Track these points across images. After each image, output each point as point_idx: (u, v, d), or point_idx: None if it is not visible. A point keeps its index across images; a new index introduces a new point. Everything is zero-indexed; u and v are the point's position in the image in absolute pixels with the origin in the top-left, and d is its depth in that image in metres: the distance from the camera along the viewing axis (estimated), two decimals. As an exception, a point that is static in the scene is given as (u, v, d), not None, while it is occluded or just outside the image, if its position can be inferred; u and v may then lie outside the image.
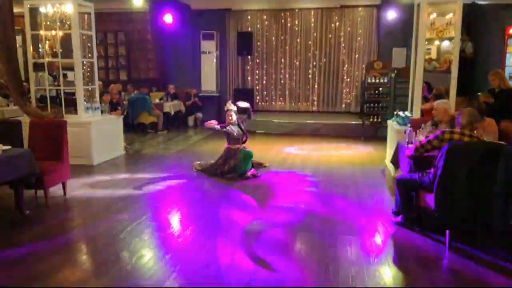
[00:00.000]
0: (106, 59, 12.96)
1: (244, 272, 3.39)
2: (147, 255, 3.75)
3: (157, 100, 11.33)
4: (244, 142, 6.63)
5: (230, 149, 6.52)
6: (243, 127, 6.61)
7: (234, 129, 6.51)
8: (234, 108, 6.64)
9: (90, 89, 7.57)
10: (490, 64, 9.54)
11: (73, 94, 7.26)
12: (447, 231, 3.88)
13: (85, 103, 7.24)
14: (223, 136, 6.96)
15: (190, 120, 11.94)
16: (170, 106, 11.19)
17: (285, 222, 4.54)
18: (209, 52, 12.25)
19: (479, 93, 6.62)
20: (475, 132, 3.95)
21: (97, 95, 7.70)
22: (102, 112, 7.81)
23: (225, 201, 5.30)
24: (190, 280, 3.28)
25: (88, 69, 7.63)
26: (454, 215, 3.71)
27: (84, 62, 7.38)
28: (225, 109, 6.70)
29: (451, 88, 6.42)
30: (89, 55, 7.55)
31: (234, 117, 6.55)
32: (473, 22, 10.35)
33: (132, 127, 10.44)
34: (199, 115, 12.01)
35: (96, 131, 7.20)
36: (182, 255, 3.74)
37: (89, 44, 7.53)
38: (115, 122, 7.95)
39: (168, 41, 12.58)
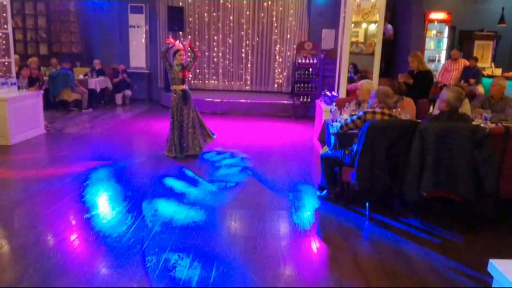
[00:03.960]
0: (24, 31, 11.92)
1: (172, 251, 3.37)
2: (71, 238, 3.59)
3: (81, 76, 10.68)
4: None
5: (175, 91, 6.09)
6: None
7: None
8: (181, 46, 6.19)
9: (6, 63, 6.95)
10: (411, 47, 10.11)
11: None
12: (367, 204, 4.15)
13: (0, 78, 6.66)
14: (154, 114, 6.73)
15: (118, 98, 11.43)
16: (96, 83, 10.62)
17: (215, 200, 4.56)
18: (137, 26, 11.74)
19: (399, 74, 7.01)
20: (394, 111, 4.21)
21: (13, 69, 7.10)
22: (19, 88, 7.22)
23: (152, 181, 5.18)
24: (116, 260, 3.20)
25: (3, 42, 6.99)
26: (373, 188, 3.96)
27: (-2, 33, 6.76)
28: (169, 46, 6.10)
29: (374, 69, 6.74)
30: (4, 26, 6.90)
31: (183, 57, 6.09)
32: (396, 6, 10.89)
33: (53, 105, 9.78)
34: (128, 92, 11.55)
35: (13, 108, 6.66)
36: (107, 235, 3.62)
37: (3, 14, 6.87)
38: (34, 98, 7.40)
39: (93, 13, 11.84)
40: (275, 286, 2.96)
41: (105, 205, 4.40)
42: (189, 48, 6.26)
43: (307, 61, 10.30)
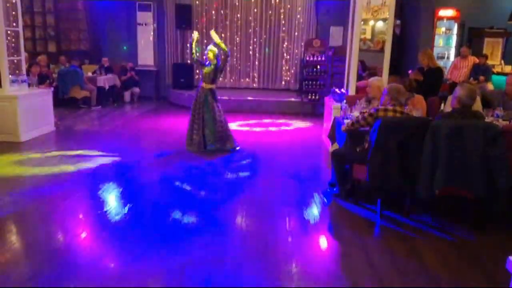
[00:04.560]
0: (33, 29, 11.98)
1: (184, 247, 3.39)
2: (82, 234, 3.62)
3: (89, 74, 10.73)
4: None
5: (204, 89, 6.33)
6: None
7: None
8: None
9: (15, 60, 6.99)
10: (419, 44, 10.06)
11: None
12: (379, 201, 4.13)
13: (10, 75, 6.70)
14: (163, 112, 6.74)
15: (127, 95, 11.48)
16: (104, 80, 10.66)
17: (226, 196, 4.57)
18: (145, 24, 11.77)
19: (409, 71, 6.98)
20: (405, 108, 4.20)
21: (23, 67, 7.15)
22: (29, 85, 7.28)
23: (163, 178, 5.20)
24: (131, 257, 3.22)
25: (13, 39, 7.04)
26: (385, 186, 3.95)
27: (8, 32, 6.78)
28: (194, 39, 6.39)
29: (384, 66, 6.71)
30: (14, 24, 6.95)
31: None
32: (405, 3, 10.83)
33: (63, 102, 9.83)
34: (136, 90, 11.59)
35: (24, 105, 6.71)
36: (120, 232, 3.65)
37: (13, 12, 6.92)
38: (44, 96, 7.45)
39: (101, 11, 11.89)
40: (288, 282, 2.96)
41: (117, 201, 4.43)
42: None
43: (315, 58, 10.29)
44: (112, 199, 4.48)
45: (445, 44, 10.53)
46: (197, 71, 12.05)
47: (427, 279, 3.07)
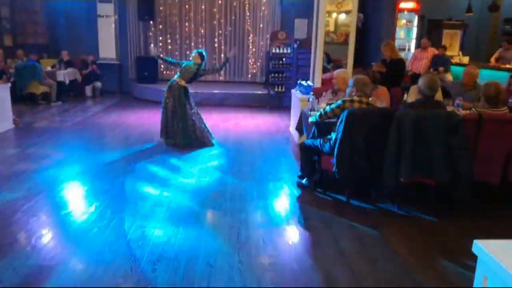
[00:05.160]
0: (-15, 22, 11.38)
1: (156, 244, 3.34)
2: (47, 235, 3.50)
3: (48, 68, 10.31)
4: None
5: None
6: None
7: None
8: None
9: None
10: (382, 36, 10.28)
11: None
12: (346, 191, 4.22)
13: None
14: (126, 106, 6.57)
15: (88, 90, 11.11)
16: (64, 75, 10.27)
17: (196, 191, 4.54)
18: (106, 16, 11.41)
19: (373, 63, 7.13)
20: (370, 99, 4.29)
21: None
22: (-17, 81, 6.94)
23: (130, 174, 5.09)
24: (98, 257, 3.14)
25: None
26: (352, 176, 4.04)
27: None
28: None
29: (348, 58, 6.83)
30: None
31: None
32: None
33: (21, 98, 9.41)
34: (98, 84, 11.23)
35: (-22, 102, 6.39)
36: (87, 231, 3.55)
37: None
38: (2, 91, 7.10)
39: (59, 3, 11.41)
40: (262, 274, 2.98)
41: (82, 200, 4.30)
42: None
43: (281, 50, 10.31)
44: (76, 198, 4.35)
45: (406, 36, 10.83)
46: (162, 64, 11.84)
47: (396, 264, 3.16)
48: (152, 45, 6.53)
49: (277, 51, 10.30)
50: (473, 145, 3.84)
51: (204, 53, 6.32)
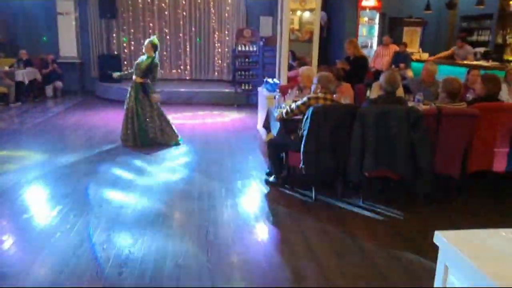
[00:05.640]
0: None
1: (122, 247, 3.28)
2: (7, 241, 3.36)
3: (6, 68, 9.88)
4: None
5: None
6: None
7: None
8: None
9: None
10: (345, 34, 10.46)
11: None
12: (313, 186, 4.28)
13: None
14: (89, 106, 6.41)
15: (49, 90, 10.73)
16: (23, 74, 9.87)
17: (163, 191, 4.48)
18: (66, 13, 11.05)
19: (337, 61, 7.24)
20: (334, 96, 4.36)
21: None
22: None
23: (94, 176, 4.96)
24: (62, 262, 3.04)
25: None
26: (319, 171, 4.09)
27: None
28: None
29: (313, 56, 6.90)
30: None
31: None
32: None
33: (-24, 100, 9.00)
34: (59, 83, 10.87)
35: None
36: (50, 236, 3.44)
37: None
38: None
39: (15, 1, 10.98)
40: (231, 273, 2.98)
41: (43, 204, 4.16)
42: None
43: (247, 48, 10.30)
44: (38, 202, 4.21)
45: (368, 34, 11.05)
46: (125, 62, 11.60)
47: (362, 257, 3.24)
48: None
49: (243, 49, 10.28)
50: (433, 139, 3.97)
51: (155, 42, 6.18)
